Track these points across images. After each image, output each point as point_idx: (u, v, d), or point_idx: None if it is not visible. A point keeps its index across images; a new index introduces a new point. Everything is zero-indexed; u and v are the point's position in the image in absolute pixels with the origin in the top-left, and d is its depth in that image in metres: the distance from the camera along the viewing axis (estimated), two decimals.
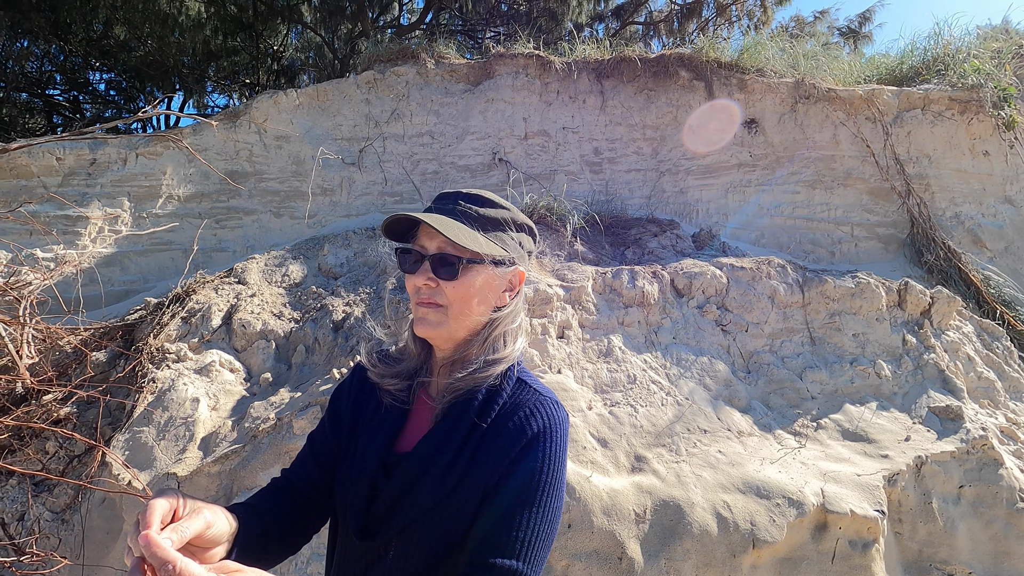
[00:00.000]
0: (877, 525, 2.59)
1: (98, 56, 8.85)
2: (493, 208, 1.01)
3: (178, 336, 3.22)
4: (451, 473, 0.94)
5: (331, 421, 1.11)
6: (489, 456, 0.94)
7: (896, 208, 5.06)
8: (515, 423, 0.95)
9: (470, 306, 0.98)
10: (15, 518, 2.40)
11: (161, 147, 4.34)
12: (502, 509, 0.90)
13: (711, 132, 5.06)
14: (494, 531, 0.89)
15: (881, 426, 3.17)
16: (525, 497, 0.91)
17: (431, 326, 0.99)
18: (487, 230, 0.99)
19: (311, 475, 1.09)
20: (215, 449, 2.60)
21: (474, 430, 0.96)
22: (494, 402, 0.98)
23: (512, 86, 5.08)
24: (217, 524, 0.80)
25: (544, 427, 0.95)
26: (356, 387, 1.11)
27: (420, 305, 0.99)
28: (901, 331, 3.69)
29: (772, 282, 3.69)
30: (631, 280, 3.52)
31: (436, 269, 0.97)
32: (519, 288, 1.05)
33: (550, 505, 0.92)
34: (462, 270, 0.96)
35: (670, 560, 2.43)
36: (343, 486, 1.02)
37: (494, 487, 0.92)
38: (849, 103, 5.13)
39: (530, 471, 0.92)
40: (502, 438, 0.95)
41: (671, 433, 2.90)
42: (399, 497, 0.95)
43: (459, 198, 1.00)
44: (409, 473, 0.96)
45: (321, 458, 1.09)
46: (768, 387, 3.35)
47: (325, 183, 4.73)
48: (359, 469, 1.00)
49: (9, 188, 3.96)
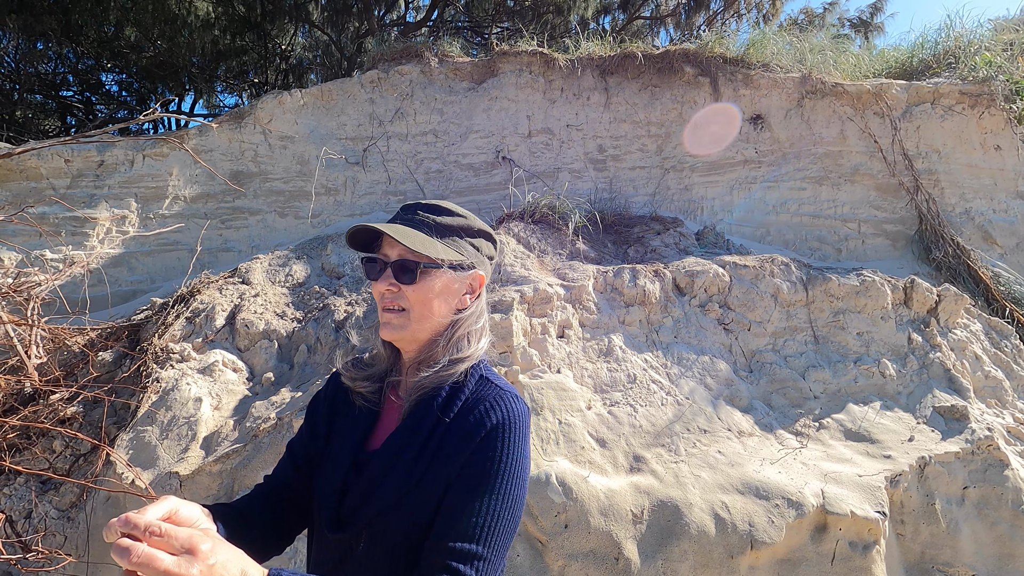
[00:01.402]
0: (878, 526, 2.57)
1: (110, 57, 8.96)
2: (450, 216, 1.08)
3: (182, 336, 3.27)
4: (416, 466, 0.99)
5: (308, 427, 1.17)
6: (451, 448, 0.99)
7: (904, 204, 4.99)
8: (475, 416, 1.00)
9: (430, 308, 1.05)
10: (22, 516, 2.46)
11: (167, 148, 4.39)
12: (463, 497, 0.95)
13: (712, 135, 5.02)
14: (455, 517, 0.94)
15: (884, 426, 3.14)
16: (484, 485, 0.96)
17: (395, 329, 1.06)
18: (444, 236, 1.06)
19: (290, 480, 1.15)
20: (217, 448, 2.64)
21: (437, 425, 1.01)
22: (457, 398, 1.03)
23: (516, 84, 5.07)
24: (183, 509, 0.84)
25: (503, 419, 1.00)
26: (332, 394, 1.18)
27: (384, 310, 1.06)
28: (907, 329, 3.64)
29: (776, 280, 3.66)
30: (632, 279, 3.51)
31: (397, 275, 1.04)
32: (479, 291, 1.11)
33: (510, 493, 0.97)
34: (420, 274, 1.03)
35: (667, 561, 2.42)
36: (318, 485, 1.08)
37: (455, 477, 0.97)
38: (857, 98, 5.06)
39: (489, 460, 0.97)
40: (463, 431, 1.00)
41: (670, 433, 2.89)
42: (368, 491, 1.01)
43: (418, 208, 1.07)
44: (377, 468, 1.02)
45: (299, 462, 1.15)
46: (770, 386, 3.33)
47: (329, 183, 4.76)
48: (332, 467, 1.07)
49: (19, 190, 4.03)
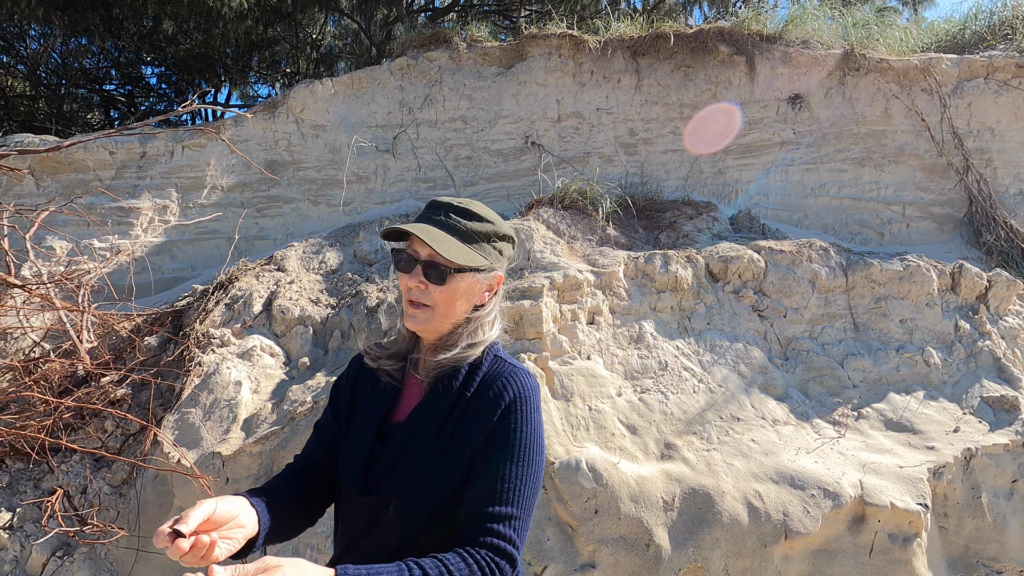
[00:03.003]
0: (919, 519, 2.50)
1: (149, 51, 9.21)
2: (480, 222, 1.13)
3: (222, 322, 3.38)
4: (440, 436, 1.09)
5: (332, 408, 1.26)
6: (473, 419, 1.09)
7: (953, 185, 4.76)
8: (494, 391, 1.10)
9: (454, 307, 1.12)
10: (78, 491, 2.60)
11: (205, 139, 4.51)
12: (491, 466, 1.06)
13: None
14: (486, 485, 1.05)
15: (928, 416, 3.04)
16: (509, 453, 1.07)
17: (419, 322, 1.13)
18: (473, 242, 1.11)
19: (318, 457, 1.24)
20: (256, 430, 2.73)
21: (459, 399, 1.11)
22: (475, 375, 1.13)
23: (545, 68, 5.01)
24: (221, 506, 0.94)
25: (518, 393, 1.11)
26: (353, 377, 1.26)
27: (410, 304, 1.13)
28: (954, 316, 3.49)
29: (813, 266, 3.55)
30: (664, 265, 3.46)
31: (427, 273, 1.09)
32: (497, 288, 1.19)
33: (532, 458, 1.08)
34: (449, 278, 1.09)
35: (698, 548, 2.41)
36: (344, 456, 1.18)
37: (481, 450, 1.07)
38: (903, 74, 4.83)
39: (511, 431, 1.08)
40: (483, 404, 1.10)
41: (702, 421, 2.86)
42: (395, 460, 1.10)
43: (450, 210, 1.12)
44: (403, 438, 1.11)
45: (324, 440, 1.24)
46: (806, 375, 3.25)
47: (360, 171, 4.81)
48: (358, 439, 1.16)
49: (68, 182, 4.20)
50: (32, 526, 2.52)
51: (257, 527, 1.00)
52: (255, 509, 1.02)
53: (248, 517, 0.99)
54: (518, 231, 3.60)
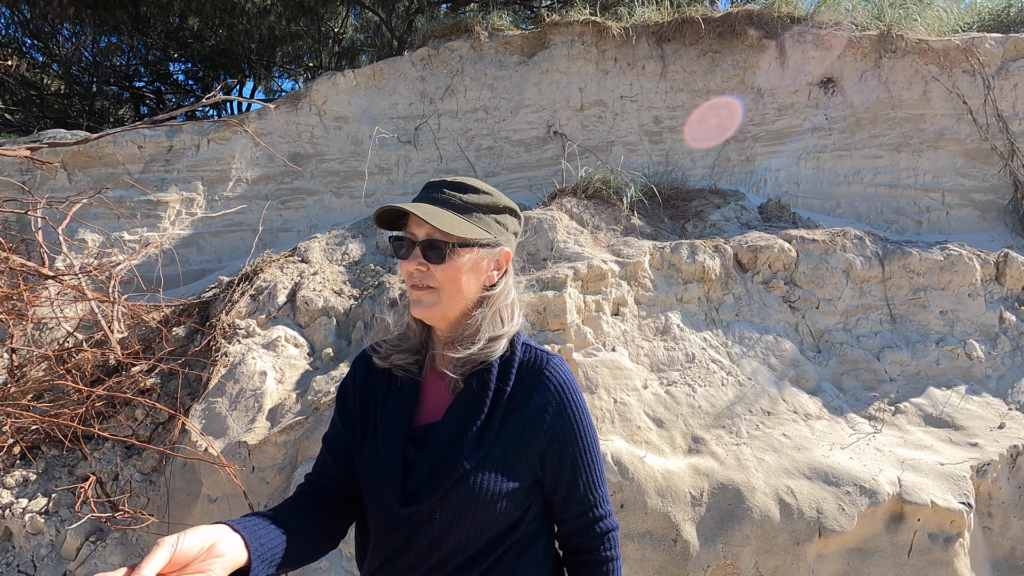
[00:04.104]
0: (962, 518, 2.39)
1: (176, 48, 9.36)
2: (475, 194, 1.07)
3: (247, 313, 3.40)
4: (486, 434, 1.03)
5: (341, 418, 1.17)
6: (524, 418, 1.05)
7: (997, 171, 4.55)
8: (539, 382, 1.07)
9: (459, 286, 1.05)
10: (110, 478, 2.65)
11: (230, 132, 4.55)
12: (567, 460, 1.07)
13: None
14: (570, 480, 1.08)
15: (970, 412, 2.91)
16: (578, 444, 1.08)
17: (425, 307, 1.06)
18: (470, 214, 1.05)
19: (332, 472, 1.14)
20: (281, 420, 2.75)
21: (499, 395, 1.06)
22: (510, 368, 1.08)
23: (568, 55, 4.92)
24: (185, 542, 0.80)
25: (564, 380, 1.09)
26: (361, 380, 1.18)
27: (414, 288, 1.07)
28: (998, 308, 3.34)
29: (848, 255, 3.42)
30: (691, 254, 3.37)
31: (425, 254, 1.04)
32: (507, 267, 1.12)
33: (593, 438, 1.11)
34: (449, 253, 1.03)
35: (728, 545, 2.35)
36: (368, 465, 1.08)
37: (548, 450, 1.06)
38: (943, 55, 4.62)
39: (571, 422, 1.08)
40: (533, 402, 1.06)
41: (731, 414, 2.78)
42: (437, 464, 1.02)
43: (444, 187, 1.07)
44: (443, 440, 1.04)
45: (337, 454, 1.15)
46: (840, 368, 3.14)
47: (382, 162, 4.81)
48: (385, 445, 1.06)
49: (98, 175, 4.28)
50: (66, 511, 2.57)
51: (246, 553, 0.87)
52: (240, 535, 0.88)
53: (229, 544, 0.85)
54: (541, 221, 3.55)
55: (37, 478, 2.71)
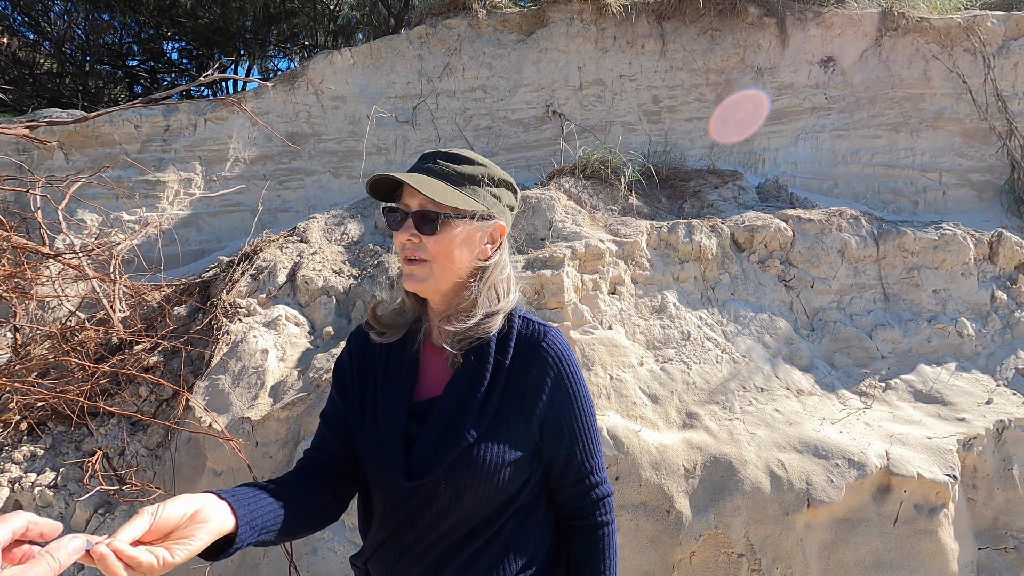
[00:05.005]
0: (947, 489, 2.47)
1: (168, 25, 9.22)
2: (470, 165, 1.06)
3: (248, 292, 3.43)
4: (487, 407, 1.04)
5: (339, 394, 1.17)
6: (524, 389, 1.07)
7: (994, 151, 4.56)
8: (537, 353, 1.08)
9: (452, 259, 1.05)
10: (117, 453, 2.71)
11: (226, 112, 4.52)
12: (564, 430, 1.09)
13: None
14: (568, 449, 1.10)
15: (959, 388, 2.97)
16: (575, 413, 1.10)
17: (418, 280, 1.06)
18: (464, 185, 1.05)
19: (332, 448, 1.15)
20: (283, 396, 2.80)
21: (499, 368, 1.07)
22: (508, 340, 1.09)
23: (566, 34, 4.88)
24: (165, 511, 0.78)
25: (561, 352, 1.10)
26: (358, 357, 1.17)
27: (407, 261, 1.06)
28: (990, 287, 3.38)
29: (843, 235, 3.45)
30: (688, 234, 3.40)
31: (418, 225, 1.03)
32: (501, 240, 1.11)
33: (589, 406, 1.14)
34: (441, 225, 1.02)
35: (719, 515, 2.42)
36: (371, 441, 1.08)
37: (547, 418, 1.08)
38: (945, 33, 4.59)
39: (568, 392, 1.10)
40: (531, 373, 1.07)
41: (725, 391, 2.84)
42: (440, 437, 1.03)
43: (437, 157, 1.06)
44: (445, 414, 1.05)
45: (336, 430, 1.15)
46: (833, 345, 3.19)
47: (380, 142, 4.79)
48: (386, 421, 1.07)
49: (96, 155, 4.27)
50: (75, 485, 2.64)
51: (233, 519, 0.85)
52: (227, 502, 0.87)
53: (214, 511, 0.83)
54: (539, 201, 3.57)
55: (45, 453, 2.77)
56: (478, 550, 1.05)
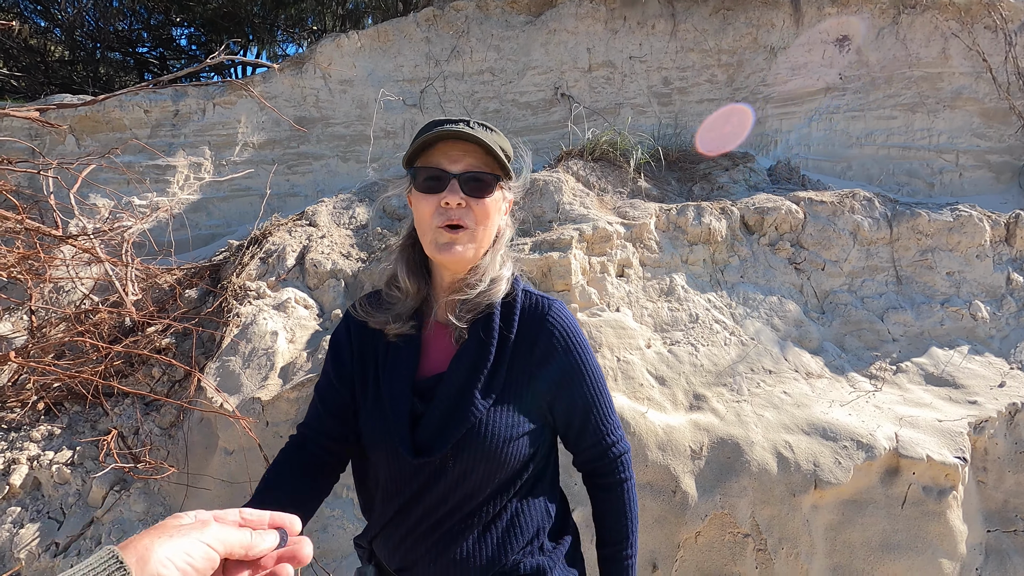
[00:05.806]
0: (956, 472, 2.45)
1: (177, 11, 9.22)
2: (497, 135, 1.06)
3: (258, 275, 3.46)
4: (494, 382, 1.02)
5: (335, 371, 1.13)
6: (530, 360, 1.05)
7: (1014, 132, 4.45)
8: (542, 325, 1.07)
9: (489, 226, 1.03)
10: (131, 432, 2.76)
11: (235, 96, 4.53)
12: (577, 396, 1.09)
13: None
14: (584, 412, 1.10)
15: (972, 371, 2.93)
16: (585, 378, 1.09)
17: (460, 252, 1.01)
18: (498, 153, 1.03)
19: (325, 427, 1.12)
20: (292, 377, 2.83)
21: (504, 342, 1.05)
22: (512, 314, 1.07)
23: (576, 15, 4.82)
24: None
25: (567, 324, 1.09)
26: (357, 336, 1.13)
27: (447, 228, 0.99)
28: (1006, 269, 3.32)
29: (855, 217, 3.40)
30: (697, 216, 3.37)
31: (468, 187, 0.99)
32: (510, 209, 1.12)
33: (598, 370, 1.13)
34: (495, 188, 1.01)
35: (725, 496, 2.42)
36: (373, 416, 1.06)
37: (559, 389, 1.07)
38: (965, 10, 4.47)
39: (577, 359, 1.08)
40: (538, 347, 1.06)
41: (733, 373, 2.83)
42: (447, 414, 1.01)
43: (468, 122, 1.03)
44: (451, 389, 1.02)
45: (331, 408, 1.12)
46: (844, 328, 3.16)
47: (388, 126, 4.78)
48: (391, 400, 1.04)
49: (106, 140, 4.31)
50: (91, 463, 2.69)
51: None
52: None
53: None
54: (547, 183, 3.55)
55: (61, 432, 2.83)
56: (486, 525, 1.04)
